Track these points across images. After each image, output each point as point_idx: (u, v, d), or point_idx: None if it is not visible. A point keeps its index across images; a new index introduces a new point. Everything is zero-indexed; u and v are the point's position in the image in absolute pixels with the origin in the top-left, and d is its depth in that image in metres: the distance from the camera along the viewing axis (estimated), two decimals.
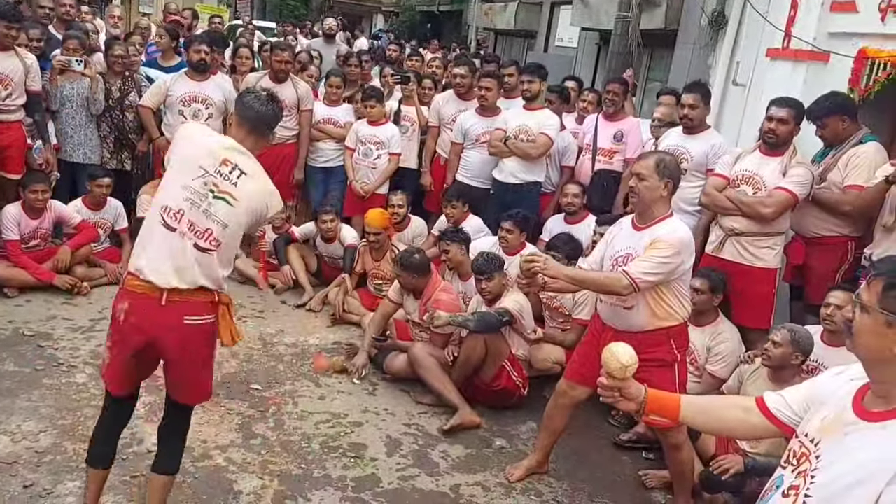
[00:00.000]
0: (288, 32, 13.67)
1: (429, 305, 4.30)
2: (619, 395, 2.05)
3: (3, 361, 4.02)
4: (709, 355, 4.07)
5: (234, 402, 3.93)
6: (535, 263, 3.13)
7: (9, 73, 4.88)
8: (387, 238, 5.27)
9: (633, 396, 2.03)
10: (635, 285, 3.02)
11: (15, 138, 5.04)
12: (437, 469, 3.63)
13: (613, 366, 2.02)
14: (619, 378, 2.03)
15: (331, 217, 5.46)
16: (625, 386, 2.03)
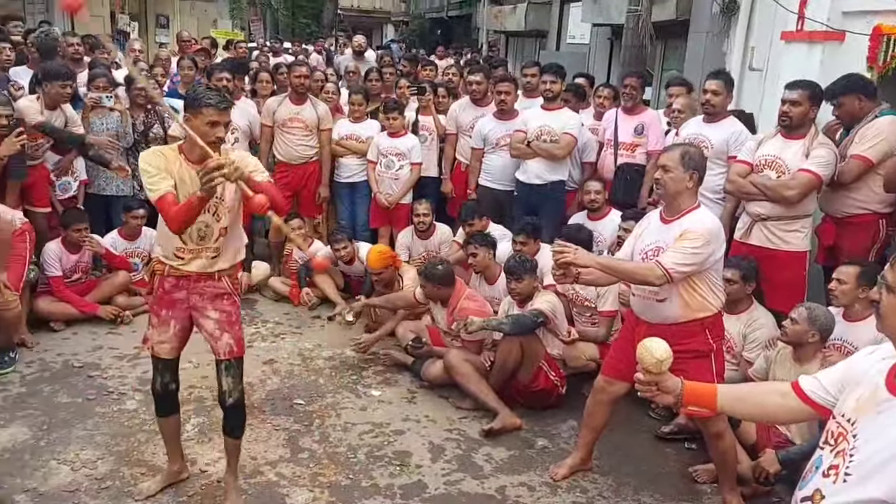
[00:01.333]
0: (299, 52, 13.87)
1: (455, 314, 4.37)
2: (656, 389, 2.09)
3: (57, 393, 4.16)
4: (745, 342, 4.08)
5: (279, 419, 4.03)
6: (566, 254, 3.16)
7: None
8: (393, 271, 5.32)
9: (670, 390, 2.07)
10: (668, 276, 3.04)
11: (40, 176, 5.25)
12: (481, 472, 3.69)
13: (648, 361, 2.06)
14: (655, 372, 2.07)
15: (343, 245, 5.52)
16: (661, 380, 2.07)
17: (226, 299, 3.09)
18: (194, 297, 3.07)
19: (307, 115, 5.90)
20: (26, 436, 3.70)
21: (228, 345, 3.09)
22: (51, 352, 4.66)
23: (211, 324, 3.07)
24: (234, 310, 3.12)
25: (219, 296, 3.08)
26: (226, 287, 3.08)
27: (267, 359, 4.76)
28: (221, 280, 3.07)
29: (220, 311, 3.07)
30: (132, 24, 15.18)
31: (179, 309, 3.09)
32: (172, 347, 3.16)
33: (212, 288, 3.06)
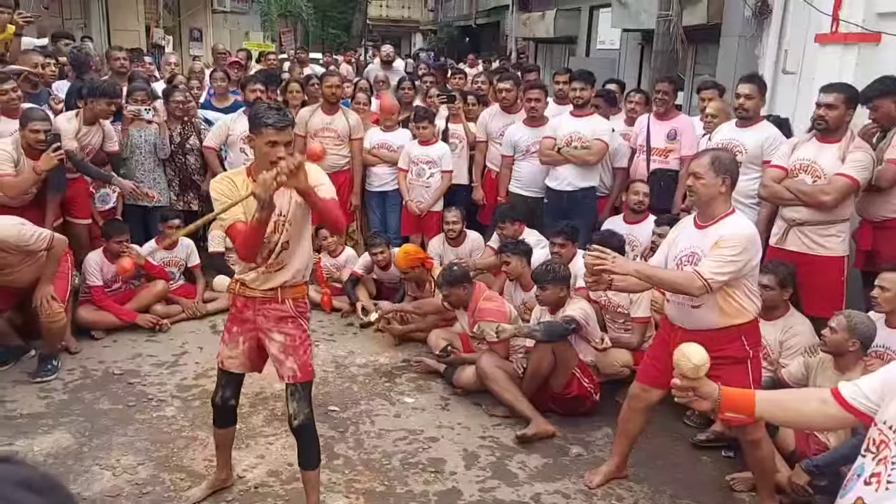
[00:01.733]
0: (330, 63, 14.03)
1: (476, 315, 4.40)
2: (694, 394, 2.08)
3: (98, 400, 4.25)
4: (781, 349, 4.03)
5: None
6: (603, 261, 3.14)
7: (94, 143, 5.29)
8: (424, 271, 5.34)
9: (708, 395, 2.06)
10: (707, 286, 3.03)
11: (80, 188, 5.40)
12: (516, 479, 3.69)
13: (686, 366, 2.05)
14: (692, 378, 2.06)
15: (380, 249, 5.57)
16: (698, 385, 2.06)
17: (290, 322, 3.06)
18: (260, 318, 3.06)
19: (339, 125, 5.97)
20: (69, 441, 3.79)
21: (292, 369, 3.06)
22: (92, 359, 4.77)
23: (276, 347, 3.06)
24: (300, 333, 3.08)
25: (283, 318, 3.05)
26: (290, 310, 3.05)
27: None
28: (285, 303, 3.04)
29: (284, 334, 3.05)
30: (167, 38, 15.48)
31: (248, 328, 3.11)
32: (241, 363, 3.17)
33: (276, 311, 3.04)
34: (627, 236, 4.96)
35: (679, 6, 7.16)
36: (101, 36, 13.40)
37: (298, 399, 3.09)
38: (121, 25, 14.22)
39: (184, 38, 17.74)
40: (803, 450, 3.65)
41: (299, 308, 3.08)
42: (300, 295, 3.09)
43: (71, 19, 12.64)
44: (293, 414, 3.10)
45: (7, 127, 4.84)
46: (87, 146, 5.27)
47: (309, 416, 3.12)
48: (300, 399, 3.09)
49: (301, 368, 3.07)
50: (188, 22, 18.10)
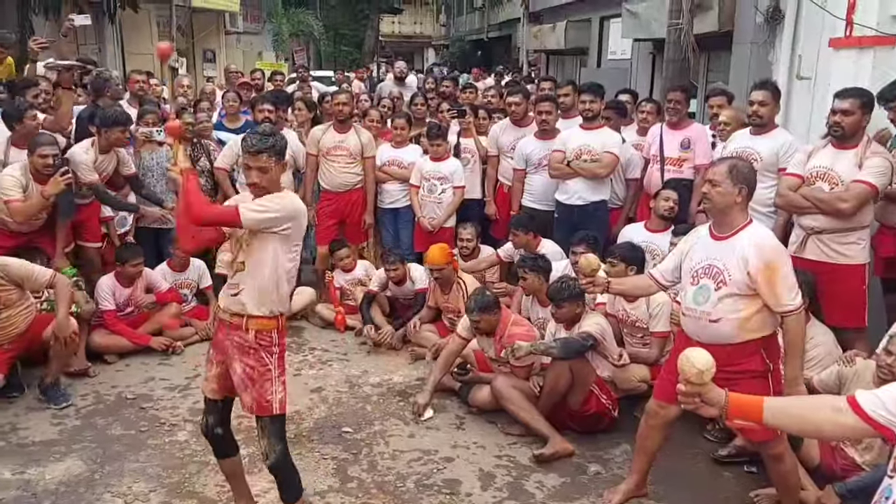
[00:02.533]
0: (341, 80, 14.09)
1: (504, 341, 4.30)
2: (699, 401, 2.01)
3: (111, 425, 4.23)
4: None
5: (327, 447, 4.02)
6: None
7: (109, 170, 5.31)
8: (452, 272, 5.31)
9: (714, 402, 2.00)
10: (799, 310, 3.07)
11: (91, 213, 5.42)
12: (533, 500, 3.61)
13: (690, 371, 2.00)
14: (698, 384, 2.00)
15: (395, 266, 5.55)
16: (704, 391, 2.00)
17: (251, 354, 2.94)
18: (227, 342, 2.99)
19: (351, 143, 5.96)
20: (81, 469, 3.76)
21: (248, 402, 2.96)
22: (105, 384, 4.75)
23: (236, 377, 2.98)
24: (259, 367, 2.93)
25: (245, 349, 2.94)
26: (251, 341, 2.92)
27: (315, 387, 4.77)
28: (248, 332, 2.92)
29: (244, 364, 2.94)
30: (180, 60, 15.61)
31: (220, 352, 3.04)
32: (211, 389, 3.10)
33: (240, 339, 2.94)
34: (648, 244, 4.89)
35: (690, 14, 7.09)
36: (116, 60, 13.56)
37: (268, 434, 2.98)
38: (135, 49, 14.38)
39: (197, 60, 17.90)
40: (829, 465, 3.55)
41: (262, 341, 2.93)
42: (265, 328, 2.94)
43: (86, 45, 12.80)
44: (265, 452, 3.01)
45: (21, 156, 4.86)
46: (103, 173, 5.30)
47: (282, 453, 3.01)
48: (270, 434, 2.98)
49: (257, 401, 2.94)
50: (201, 43, 18.27)
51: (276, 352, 2.98)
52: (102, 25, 12.86)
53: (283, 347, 3.03)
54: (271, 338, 2.96)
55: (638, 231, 5.16)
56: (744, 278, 3.02)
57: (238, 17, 19.73)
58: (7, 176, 4.73)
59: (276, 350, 2.98)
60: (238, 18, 19.79)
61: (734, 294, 3.04)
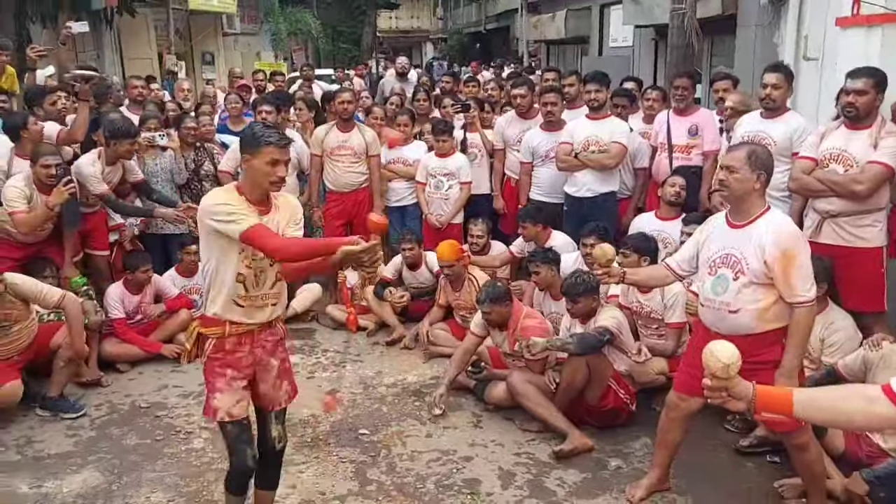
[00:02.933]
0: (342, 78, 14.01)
1: (517, 335, 4.26)
2: (726, 395, 1.97)
3: (126, 435, 4.20)
4: (823, 346, 3.87)
5: (345, 450, 3.99)
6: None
7: (115, 180, 5.29)
8: (462, 268, 5.27)
9: (741, 395, 1.95)
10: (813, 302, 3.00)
11: (98, 222, 5.41)
12: (555, 497, 3.57)
13: (715, 366, 1.96)
14: (723, 378, 1.95)
15: (410, 246, 5.59)
16: (730, 385, 1.96)
17: (281, 346, 3.04)
18: (258, 350, 2.94)
19: (355, 142, 5.91)
20: (98, 480, 3.74)
21: (287, 392, 3.06)
22: (118, 393, 4.73)
23: (272, 374, 2.99)
24: (287, 355, 3.11)
25: (277, 342, 3.02)
26: (280, 331, 3.04)
27: (329, 389, 4.74)
28: (276, 325, 3.01)
29: (280, 359, 3.02)
30: (179, 64, 15.56)
31: (244, 366, 2.93)
32: (242, 406, 2.96)
33: (272, 337, 2.99)
34: (659, 234, 4.84)
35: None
36: (115, 66, 13.50)
37: (283, 421, 3.10)
38: (133, 54, 14.32)
39: (196, 63, 17.84)
40: (854, 452, 3.50)
41: (285, 328, 3.11)
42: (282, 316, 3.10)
43: (84, 52, 12.74)
44: (278, 437, 3.06)
45: (24, 166, 4.84)
46: (109, 183, 5.27)
47: (286, 441, 3.16)
48: (284, 422, 3.11)
49: (292, 387, 3.11)
50: (199, 46, 18.20)
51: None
52: (100, 32, 12.80)
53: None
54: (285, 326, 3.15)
55: (649, 221, 5.10)
56: (761, 267, 2.97)
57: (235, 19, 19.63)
58: (11, 187, 4.70)
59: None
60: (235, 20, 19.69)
61: (753, 283, 2.99)
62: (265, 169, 2.73)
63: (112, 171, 5.24)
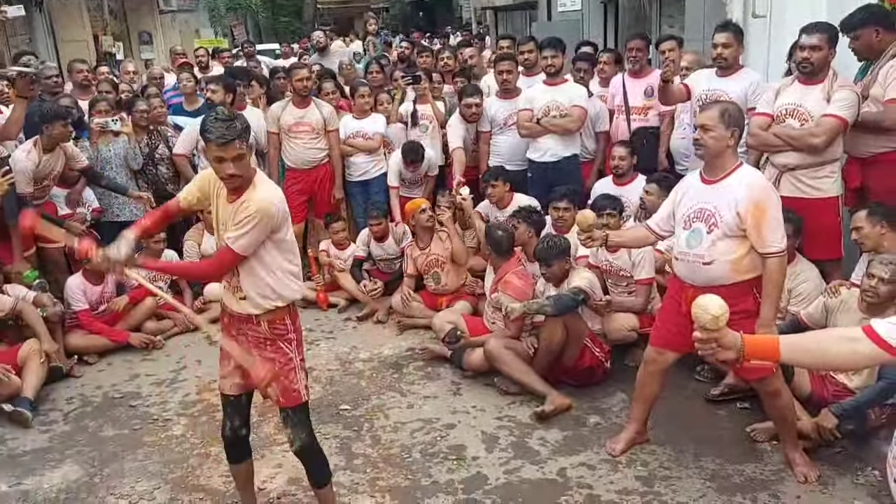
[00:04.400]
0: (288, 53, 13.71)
1: (500, 285, 4.35)
2: (717, 346, 2.05)
3: (102, 427, 4.14)
4: (790, 296, 4.01)
5: (328, 427, 4.00)
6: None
7: (57, 168, 5.11)
8: (430, 218, 5.34)
9: (731, 345, 2.03)
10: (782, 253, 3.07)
11: (48, 212, 5.18)
12: (538, 457, 3.66)
13: (705, 318, 2.02)
14: (713, 329, 2.03)
15: (377, 221, 5.60)
16: (720, 336, 2.03)
17: (269, 346, 2.84)
18: (242, 338, 2.87)
19: (312, 118, 5.82)
20: (79, 474, 3.68)
21: (274, 395, 2.86)
22: (89, 385, 4.64)
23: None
24: (280, 357, 2.83)
25: (262, 342, 2.84)
26: (266, 332, 2.82)
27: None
28: (261, 325, 2.81)
29: (265, 358, 2.81)
30: (117, 45, 15.05)
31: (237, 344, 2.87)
32: (234, 384, 2.93)
33: (254, 332, 2.84)
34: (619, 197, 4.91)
35: None
36: (49, 50, 12.97)
37: (293, 424, 2.92)
38: (68, 37, 13.78)
39: (133, 43, 17.27)
40: (820, 393, 3.66)
41: (276, 330, 2.83)
42: (277, 317, 2.83)
43: (15, 36, 12.21)
44: (290, 440, 2.96)
45: None
46: (52, 173, 5.10)
47: (307, 439, 2.96)
48: (295, 424, 2.92)
49: (283, 393, 2.85)
50: (136, 26, 17.61)
51: (293, 338, 2.88)
52: (31, 15, 12.27)
53: (299, 332, 2.93)
54: (285, 325, 2.85)
55: (607, 185, 5.17)
56: (734, 219, 3.07)
57: None
58: None
59: (293, 336, 2.88)
60: None
61: (726, 236, 3.09)
62: (213, 165, 2.66)
63: (51, 158, 5.05)
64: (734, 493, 3.30)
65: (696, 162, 3.70)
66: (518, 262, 4.54)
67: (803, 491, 3.29)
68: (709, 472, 3.46)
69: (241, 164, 2.64)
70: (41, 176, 5.04)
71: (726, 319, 2.03)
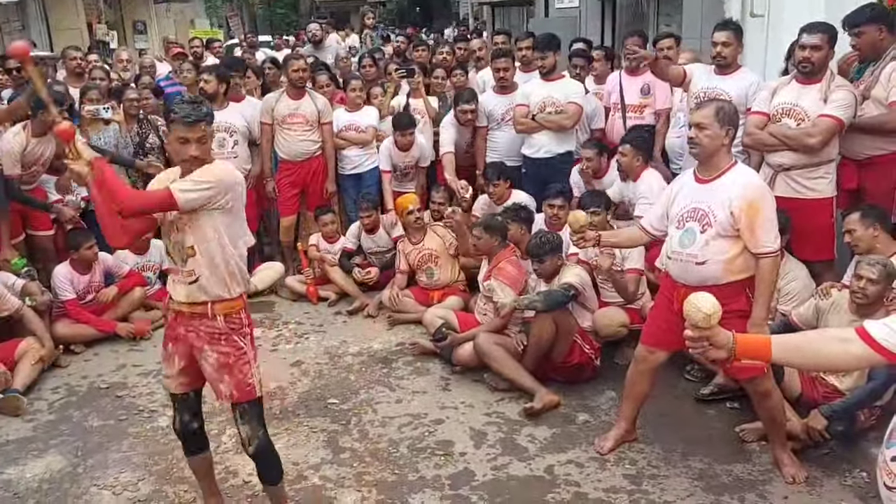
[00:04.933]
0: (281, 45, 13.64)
1: (494, 272, 4.35)
2: (708, 345, 2.03)
3: (87, 417, 4.10)
4: (779, 295, 4.00)
5: (315, 420, 3.97)
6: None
7: (47, 154, 5.05)
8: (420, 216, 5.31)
9: (722, 344, 2.01)
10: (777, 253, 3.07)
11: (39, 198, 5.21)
12: (526, 453, 3.63)
13: (697, 317, 2.00)
14: (705, 328, 2.01)
15: (368, 213, 5.58)
16: (711, 335, 2.01)
17: (223, 340, 2.78)
18: (192, 335, 2.80)
19: (307, 110, 5.77)
20: (62, 464, 3.64)
21: (226, 391, 2.80)
22: (75, 375, 4.59)
23: (208, 367, 2.80)
24: (234, 351, 2.79)
25: (215, 336, 2.77)
26: (221, 327, 2.77)
27: (294, 360, 4.69)
28: (216, 319, 2.76)
29: (218, 352, 2.78)
30: (111, 34, 14.96)
31: (183, 344, 2.84)
32: (180, 383, 2.91)
33: (207, 328, 2.77)
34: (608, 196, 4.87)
35: None
36: (42, 38, 12.88)
37: (248, 420, 2.85)
38: (61, 25, 13.71)
39: (128, 32, 17.17)
40: (810, 394, 3.65)
41: (232, 324, 2.79)
42: (233, 310, 2.79)
43: (8, 22, 12.13)
44: (245, 440, 2.87)
45: None
46: (40, 158, 5.04)
47: (263, 438, 2.90)
48: (250, 419, 2.85)
49: (237, 387, 2.80)
50: (130, 15, 17.50)
51: (247, 332, 2.86)
52: (25, 2, 12.18)
53: (251, 326, 2.91)
54: (241, 318, 2.82)
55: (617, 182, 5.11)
56: (728, 219, 3.05)
57: None
58: None
59: (247, 331, 2.86)
60: None
61: (720, 236, 3.07)
62: (175, 147, 2.68)
63: (41, 143, 4.98)
64: (722, 493, 3.28)
65: (690, 161, 3.68)
66: (513, 252, 4.54)
67: (791, 491, 3.27)
68: (697, 471, 3.45)
69: (204, 147, 2.70)
70: (30, 161, 4.99)
71: (718, 318, 2.01)
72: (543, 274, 4.22)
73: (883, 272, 3.39)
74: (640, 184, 4.61)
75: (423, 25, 20.73)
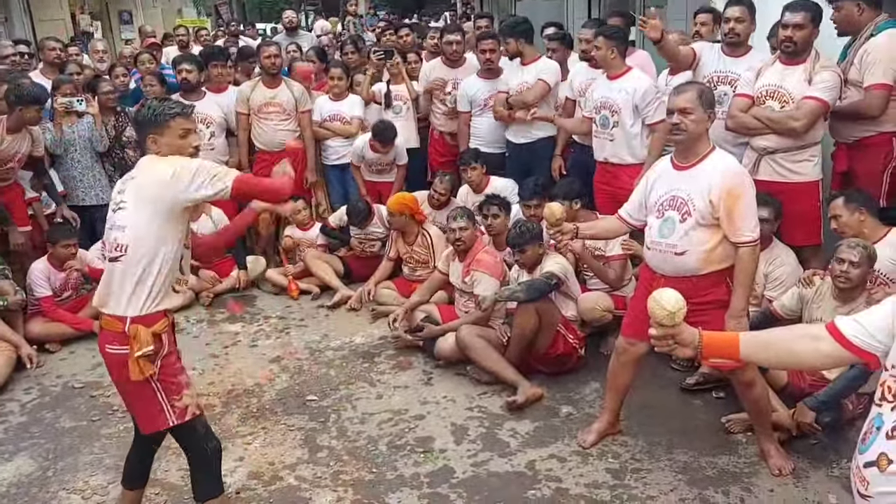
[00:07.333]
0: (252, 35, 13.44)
1: (472, 267, 4.27)
2: (673, 342, 1.94)
3: (60, 418, 4.00)
4: (766, 281, 3.91)
5: (292, 418, 3.88)
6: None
7: (23, 151, 4.92)
8: (412, 221, 5.14)
9: (688, 342, 1.94)
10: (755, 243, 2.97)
11: (14, 196, 5.08)
12: (508, 449, 3.55)
13: (660, 314, 1.93)
14: (669, 325, 1.93)
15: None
16: (676, 333, 1.93)
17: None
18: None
19: (283, 98, 5.66)
20: (32, 467, 3.55)
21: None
22: (49, 375, 4.50)
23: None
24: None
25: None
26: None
27: (273, 356, 4.60)
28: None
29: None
30: (95, 24, 14.77)
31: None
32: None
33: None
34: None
35: None
36: (25, 29, 12.69)
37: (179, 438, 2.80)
38: (45, 15, 13.48)
39: (113, 23, 16.95)
40: (797, 384, 3.57)
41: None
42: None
43: None
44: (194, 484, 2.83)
45: None
46: (17, 154, 4.91)
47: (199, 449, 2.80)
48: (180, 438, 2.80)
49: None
50: (116, 5, 17.27)
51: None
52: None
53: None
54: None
55: None
56: (707, 207, 2.95)
57: None
58: None
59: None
60: None
61: (699, 225, 2.98)
62: (178, 143, 2.61)
63: (16, 139, 4.85)
64: (706, 487, 3.21)
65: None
66: (481, 241, 4.48)
67: (776, 484, 3.20)
68: (681, 464, 3.37)
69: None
70: (5, 157, 4.87)
71: (683, 315, 1.92)
72: (526, 263, 4.12)
73: (864, 254, 3.32)
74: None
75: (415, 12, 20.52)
